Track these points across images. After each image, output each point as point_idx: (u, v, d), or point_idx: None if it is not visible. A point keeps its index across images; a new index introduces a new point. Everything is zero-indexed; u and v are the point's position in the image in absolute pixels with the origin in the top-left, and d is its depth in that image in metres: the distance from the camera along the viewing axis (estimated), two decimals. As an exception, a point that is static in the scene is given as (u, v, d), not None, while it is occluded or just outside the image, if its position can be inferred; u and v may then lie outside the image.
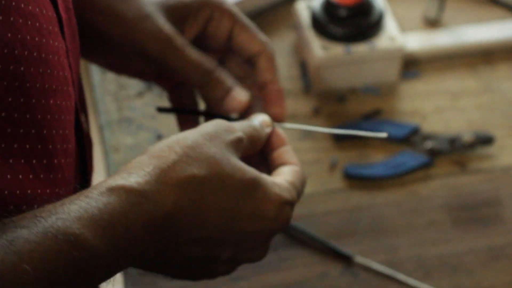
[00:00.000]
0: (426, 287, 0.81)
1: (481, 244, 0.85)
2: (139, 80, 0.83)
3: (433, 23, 1.05)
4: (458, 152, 0.92)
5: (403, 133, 0.93)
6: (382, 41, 0.97)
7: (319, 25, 0.98)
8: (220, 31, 0.75)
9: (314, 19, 0.98)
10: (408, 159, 0.91)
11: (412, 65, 1.01)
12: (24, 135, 0.56)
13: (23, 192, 0.56)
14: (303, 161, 0.92)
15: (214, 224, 0.60)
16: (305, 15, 1.00)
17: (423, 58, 1.02)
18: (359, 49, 0.97)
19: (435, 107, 0.97)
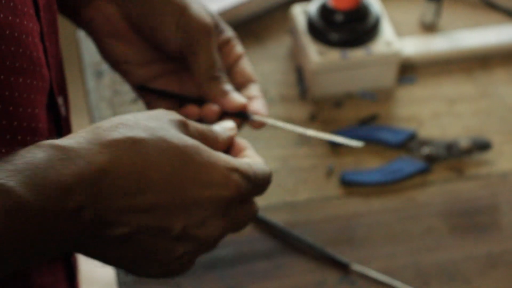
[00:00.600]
0: (423, 295, 0.81)
1: (479, 251, 0.84)
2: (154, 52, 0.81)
3: (429, 28, 1.05)
4: (455, 158, 0.92)
5: (400, 139, 0.93)
6: (378, 46, 0.97)
7: (315, 30, 0.97)
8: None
9: (310, 24, 0.98)
10: (405, 165, 0.91)
11: (408, 70, 1.01)
12: None
13: None
14: (300, 167, 0.91)
15: (159, 189, 0.58)
16: (301, 20, 0.99)
17: (419, 63, 1.02)
18: (356, 54, 0.96)
19: (432, 112, 0.97)
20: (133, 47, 0.77)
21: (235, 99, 0.76)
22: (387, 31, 0.98)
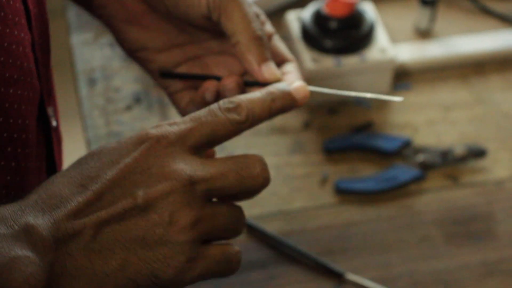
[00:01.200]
0: (419, 304, 0.80)
1: (475, 259, 0.84)
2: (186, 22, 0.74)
3: (424, 34, 1.04)
4: (450, 165, 0.91)
5: (395, 146, 0.92)
6: (373, 53, 0.96)
7: (309, 37, 0.96)
8: None
9: (304, 31, 0.97)
10: (400, 172, 0.90)
11: (403, 77, 1.00)
12: None
13: None
14: (294, 175, 0.91)
15: (104, 169, 0.57)
16: (295, 27, 0.99)
17: (414, 69, 1.01)
18: (350, 61, 0.96)
19: (427, 119, 0.96)
20: (151, 32, 0.73)
21: (274, 69, 0.69)
22: (381, 37, 0.97)
